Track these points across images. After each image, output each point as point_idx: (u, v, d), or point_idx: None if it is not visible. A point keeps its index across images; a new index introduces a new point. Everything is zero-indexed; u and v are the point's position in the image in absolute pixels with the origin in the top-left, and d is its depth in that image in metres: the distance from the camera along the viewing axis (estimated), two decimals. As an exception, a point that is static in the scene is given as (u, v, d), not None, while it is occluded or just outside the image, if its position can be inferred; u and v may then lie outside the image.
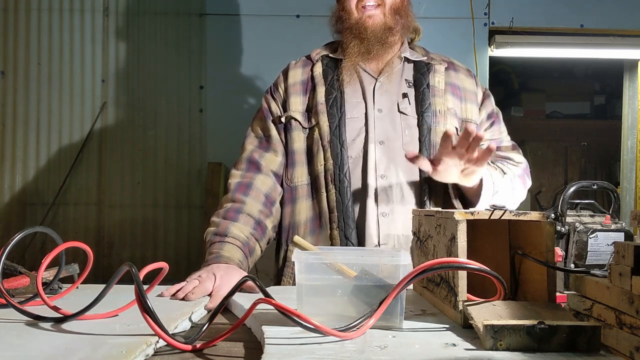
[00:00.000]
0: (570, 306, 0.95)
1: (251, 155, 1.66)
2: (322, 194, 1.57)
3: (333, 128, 1.59)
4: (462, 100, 1.68)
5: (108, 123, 2.81)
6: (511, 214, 0.99)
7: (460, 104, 1.67)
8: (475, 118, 1.67)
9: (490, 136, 1.70)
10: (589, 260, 1.45)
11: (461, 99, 1.67)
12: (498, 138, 1.71)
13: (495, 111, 1.73)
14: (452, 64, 1.73)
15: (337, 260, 0.97)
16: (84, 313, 0.95)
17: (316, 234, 1.58)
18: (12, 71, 2.81)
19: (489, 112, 1.71)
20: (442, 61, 1.71)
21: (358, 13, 1.62)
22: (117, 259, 2.77)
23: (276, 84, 1.73)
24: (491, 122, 1.71)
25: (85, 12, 2.82)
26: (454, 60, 1.75)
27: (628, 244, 0.78)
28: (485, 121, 1.70)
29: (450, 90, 1.67)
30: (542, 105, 4.77)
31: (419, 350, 0.81)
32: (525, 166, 1.70)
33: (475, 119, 1.67)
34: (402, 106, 1.62)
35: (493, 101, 1.75)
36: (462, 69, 1.73)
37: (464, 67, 1.75)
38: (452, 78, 1.69)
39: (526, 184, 1.68)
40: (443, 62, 1.70)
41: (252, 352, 0.86)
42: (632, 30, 2.85)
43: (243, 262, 1.46)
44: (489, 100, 1.73)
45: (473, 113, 1.67)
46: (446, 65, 1.70)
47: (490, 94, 1.75)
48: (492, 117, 1.71)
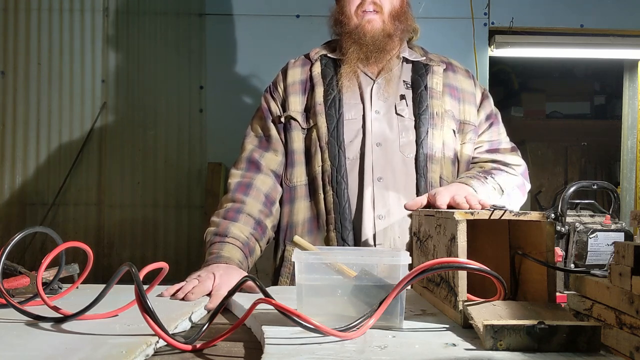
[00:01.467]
0: (570, 306, 0.95)
1: (251, 155, 1.66)
2: (319, 195, 1.57)
3: (331, 129, 1.59)
4: (460, 101, 1.67)
5: (108, 123, 2.81)
6: (511, 214, 0.99)
7: (458, 105, 1.66)
8: (473, 120, 1.67)
9: (488, 137, 1.70)
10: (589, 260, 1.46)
11: (459, 101, 1.67)
12: (497, 139, 1.70)
13: (494, 112, 1.72)
14: (451, 64, 1.72)
15: (337, 260, 0.97)
16: (84, 313, 0.95)
17: (314, 235, 1.58)
18: (12, 71, 2.81)
19: (488, 113, 1.71)
20: (441, 62, 1.70)
21: (357, 18, 1.62)
22: (117, 259, 2.77)
23: (275, 82, 1.72)
24: (490, 123, 1.70)
25: (85, 12, 2.82)
26: (452, 61, 1.74)
27: (628, 244, 0.78)
28: (483, 122, 1.69)
29: (449, 91, 1.66)
30: (542, 105, 4.77)
31: (419, 350, 0.81)
32: (523, 170, 1.69)
33: (474, 121, 1.67)
34: (400, 108, 1.62)
35: (492, 102, 1.74)
36: (460, 69, 1.73)
37: (462, 68, 1.74)
38: (451, 79, 1.69)
39: (525, 191, 1.68)
40: (442, 63, 1.70)
41: (252, 352, 0.86)
42: (632, 30, 2.85)
43: (243, 262, 1.46)
44: (488, 101, 1.72)
45: (471, 114, 1.67)
46: (444, 66, 1.70)
47: (489, 95, 1.75)
48: (491, 118, 1.71)
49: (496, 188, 1.56)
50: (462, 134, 1.65)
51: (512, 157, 1.68)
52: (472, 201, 1.22)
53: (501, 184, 1.57)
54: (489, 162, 1.67)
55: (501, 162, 1.66)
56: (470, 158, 1.67)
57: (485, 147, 1.69)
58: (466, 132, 1.66)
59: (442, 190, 1.34)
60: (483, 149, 1.69)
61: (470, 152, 1.67)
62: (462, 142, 1.66)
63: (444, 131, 1.61)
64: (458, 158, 1.65)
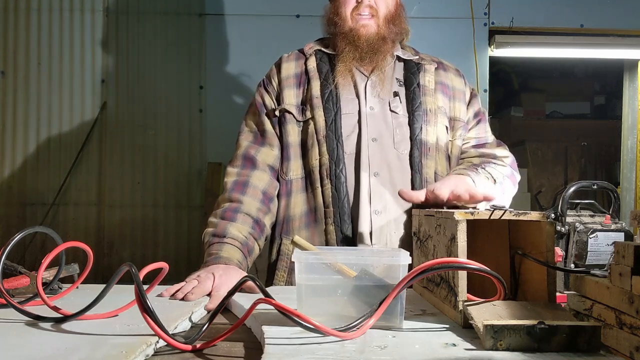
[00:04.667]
0: (570, 306, 0.95)
1: (247, 152, 1.65)
2: (317, 188, 1.58)
3: (329, 123, 1.59)
4: (451, 99, 1.71)
5: (108, 123, 2.81)
6: (511, 214, 0.99)
7: (450, 102, 1.70)
8: (462, 116, 1.71)
9: (476, 134, 1.73)
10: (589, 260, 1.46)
11: (450, 98, 1.71)
12: (484, 136, 1.75)
13: (482, 110, 1.77)
14: (442, 63, 1.76)
15: (337, 260, 0.97)
16: (84, 313, 0.95)
17: (311, 228, 1.58)
18: (12, 71, 2.81)
19: (476, 110, 1.75)
20: (432, 61, 1.73)
21: (352, 21, 1.64)
22: (117, 259, 2.77)
23: (269, 76, 1.72)
24: (477, 120, 1.74)
25: (85, 12, 2.82)
26: (443, 60, 1.78)
27: (628, 244, 0.78)
28: (472, 119, 1.74)
29: (440, 89, 1.70)
30: (542, 105, 4.78)
31: (419, 350, 0.81)
32: (511, 161, 1.72)
33: (463, 117, 1.71)
34: (394, 105, 1.64)
35: (480, 101, 1.79)
36: (451, 68, 1.77)
37: (452, 67, 1.78)
38: (442, 77, 1.72)
39: (515, 181, 1.70)
40: (432, 62, 1.73)
41: (252, 352, 0.86)
42: (632, 30, 2.85)
43: (242, 263, 1.46)
44: (476, 100, 1.77)
45: (461, 112, 1.71)
46: (436, 65, 1.73)
47: (477, 93, 1.80)
48: (479, 115, 1.75)
49: (489, 178, 1.58)
50: (453, 130, 1.69)
51: (499, 150, 1.71)
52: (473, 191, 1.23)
53: (492, 174, 1.59)
54: (477, 157, 1.69)
55: (489, 155, 1.69)
56: (459, 154, 1.69)
57: (473, 143, 1.72)
58: (456, 128, 1.69)
59: (440, 186, 1.36)
60: (470, 145, 1.72)
61: (459, 148, 1.69)
62: (453, 138, 1.69)
63: (438, 127, 1.64)
64: (449, 154, 1.67)
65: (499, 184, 1.61)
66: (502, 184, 1.63)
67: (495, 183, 1.59)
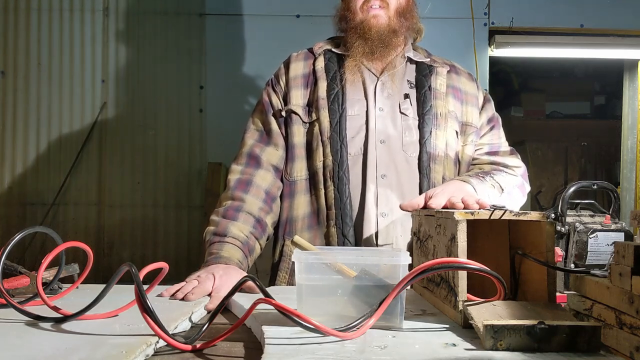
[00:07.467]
0: (570, 306, 0.95)
1: (251, 150, 1.65)
2: (320, 190, 1.57)
3: (334, 124, 1.58)
4: (463, 103, 1.68)
5: (108, 123, 2.81)
6: (511, 214, 0.99)
7: (461, 106, 1.67)
8: (475, 122, 1.68)
9: (489, 140, 1.71)
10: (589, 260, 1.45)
11: (462, 102, 1.68)
12: (497, 143, 1.72)
13: (495, 116, 1.74)
14: (454, 67, 1.73)
15: (337, 260, 0.97)
16: (84, 313, 0.95)
17: (314, 230, 1.57)
18: (12, 71, 2.81)
19: (490, 116, 1.72)
20: (444, 64, 1.71)
21: (363, 13, 1.62)
22: (117, 259, 2.77)
23: (277, 76, 1.71)
24: (491, 127, 1.72)
25: (85, 12, 2.82)
26: (455, 64, 1.75)
27: (628, 244, 0.78)
28: (485, 125, 1.71)
29: (452, 92, 1.67)
30: (542, 105, 4.77)
31: (419, 350, 0.81)
32: (523, 171, 1.70)
33: (476, 123, 1.68)
34: (404, 107, 1.62)
35: (493, 106, 1.75)
36: (463, 72, 1.74)
37: (465, 71, 1.75)
38: (454, 81, 1.69)
39: (525, 192, 1.69)
40: (445, 65, 1.71)
41: (252, 352, 0.86)
42: (632, 30, 2.85)
43: (243, 262, 1.45)
44: (490, 105, 1.74)
45: (473, 117, 1.68)
46: (448, 68, 1.71)
47: (491, 98, 1.76)
48: (492, 121, 1.72)
49: (495, 186, 1.56)
50: (464, 136, 1.66)
51: (511, 159, 1.69)
52: (469, 201, 1.20)
53: (501, 183, 1.58)
54: (489, 164, 1.67)
55: (501, 163, 1.67)
56: (470, 160, 1.68)
57: (485, 150, 1.69)
58: (468, 133, 1.66)
59: (439, 193, 1.34)
60: (483, 151, 1.69)
61: (471, 154, 1.68)
62: (464, 143, 1.66)
63: (447, 132, 1.62)
64: (459, 159, 1.65)
65: (507, 193, 1.59)
66: (511, 194, 1.61)
67: (503, 192, 1.58)
